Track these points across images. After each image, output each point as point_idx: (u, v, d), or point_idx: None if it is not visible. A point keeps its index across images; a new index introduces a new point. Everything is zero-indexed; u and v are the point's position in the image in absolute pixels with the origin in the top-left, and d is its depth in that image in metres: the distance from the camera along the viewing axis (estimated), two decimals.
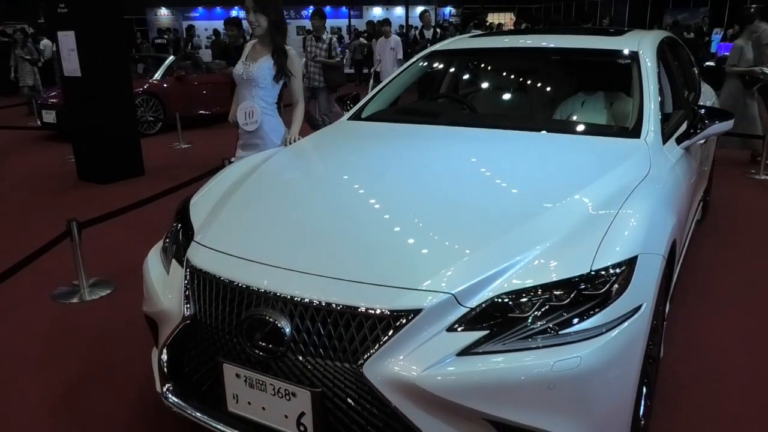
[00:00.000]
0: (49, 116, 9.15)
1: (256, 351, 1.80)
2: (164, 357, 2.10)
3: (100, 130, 6.51)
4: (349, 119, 3.39)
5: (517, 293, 1.71)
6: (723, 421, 2.48)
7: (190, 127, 9.62)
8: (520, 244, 1.83)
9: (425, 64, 3.75)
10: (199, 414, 2.02)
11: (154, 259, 2.38)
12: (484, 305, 1.69)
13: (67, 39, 6.18)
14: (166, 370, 2.10)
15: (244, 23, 5.39)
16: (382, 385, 1.64)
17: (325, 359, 1.71)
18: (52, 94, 9.47)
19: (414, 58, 3.80)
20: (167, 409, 2.10)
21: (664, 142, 2.74)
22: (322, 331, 1.72)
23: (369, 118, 3.35)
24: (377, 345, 1.65)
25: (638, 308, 1.78)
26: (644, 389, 2.18)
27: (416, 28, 15.13)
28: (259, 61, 3.40)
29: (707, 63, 13.19)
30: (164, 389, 2.12)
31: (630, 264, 1.80)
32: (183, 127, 8.98)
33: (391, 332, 1.65)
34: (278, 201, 2.37)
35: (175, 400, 2.08)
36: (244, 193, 2.42)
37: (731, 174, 6.42)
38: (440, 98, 3.98)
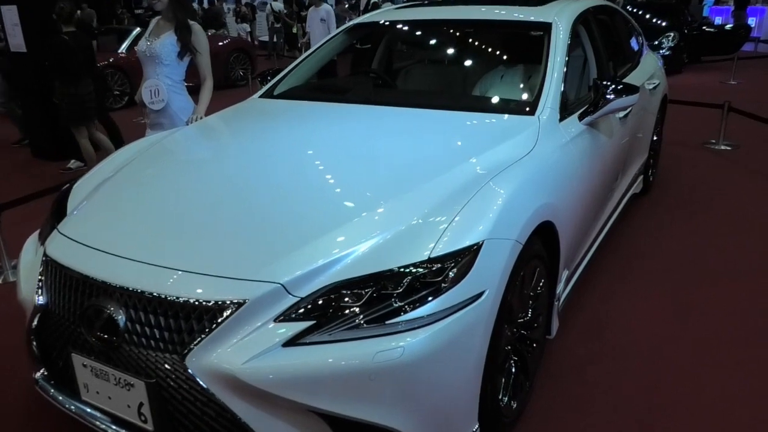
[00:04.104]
0: None
1: (95, 341, 1.79)
2: (34, 344, 2.09)
3: (49, 106, 6.39)
4: (260, 97, 3.32)
5: (350, 282, 1.68)
6: (612, 399, 2.47)
7: None
8: (361, 231, 1.80)
9: (346, 37, 3.66)
10: (62, 400, 2.01)
11: (30, 245, 2.35)
12: (315, 295, 1.66)
13: (10, 13, 6.05)
14: (36, 356, 2.09)
15: None
16: (204, 377, 1.62)
17: (155, 350, 1.70)
18: None
19: (336, 31, 3.72)
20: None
21: (564, 118, 2.68)
22: (152, 322, 1.70)
23: (280, 96, 3.28)
24: (201, 336, 1.63)
25: (479, 295, 1.76)
26: (513, 371, 2.18)
27: None
28: (161, 37, 3.31)
29: (704, 28, 12.44)
30: (36, 375, 2.11)
31: (472, 250, 1.77)
32: None
33: (215, 323, 1.63)
34: (142, 190, 2.30)
35: (44, 385, 2.07)
36: (116, 179, 2.38)
37: (691, 143, 6.36)
38: (357, 74, 3.90)
